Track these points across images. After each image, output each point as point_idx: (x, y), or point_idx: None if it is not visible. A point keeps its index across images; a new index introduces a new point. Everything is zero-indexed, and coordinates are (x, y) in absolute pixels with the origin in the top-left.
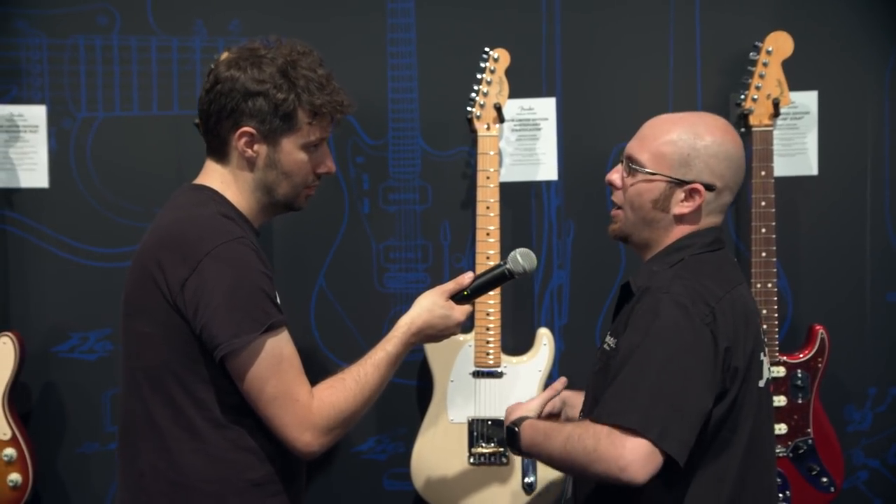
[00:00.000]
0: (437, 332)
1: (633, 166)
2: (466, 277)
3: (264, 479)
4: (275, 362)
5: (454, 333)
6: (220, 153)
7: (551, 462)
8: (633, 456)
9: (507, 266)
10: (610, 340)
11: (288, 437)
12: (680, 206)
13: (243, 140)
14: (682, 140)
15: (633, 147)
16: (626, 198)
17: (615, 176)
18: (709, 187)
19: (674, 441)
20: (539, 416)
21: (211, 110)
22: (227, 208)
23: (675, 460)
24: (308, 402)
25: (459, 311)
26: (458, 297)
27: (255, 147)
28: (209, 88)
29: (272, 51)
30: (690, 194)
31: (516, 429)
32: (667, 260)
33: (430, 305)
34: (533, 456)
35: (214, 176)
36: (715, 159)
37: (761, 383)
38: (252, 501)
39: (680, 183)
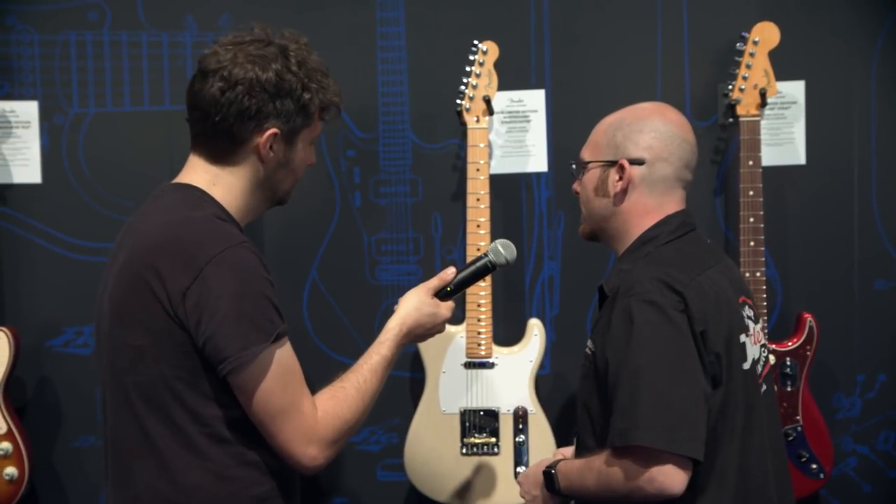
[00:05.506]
0: (426, 331)
1: (578, 166)
2: (449, 273)
3: (268, 493)
4: (280, 373)
5: (441, 331)
6: (226, 153)
7: (594, 498)
8: (662, 476)
9: (490, 258)
10: (590, 344)
11: (293, 451)
12: (613, 186)
13: (268, 141)
14: (610, 128)
15: (582, 152)
16: (580, 197)
17: (574, 184)
18: (636, 161)
19: (684, 441)
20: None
21: (230, 112)
22: (219, 210)
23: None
24: (312, 414)
25: (445, 308)
26: (441, 294)
27: (275, 147)
28: (226, 89)
29: (276, 46)
30: (620, 171)
31: (553, 471)
32: (634, 256)
33: (417, 304)
34: (573, 496)
35: (203, 175)
36: (638, 134)
37: (745, 366)
38: None
39: (610, 164)
